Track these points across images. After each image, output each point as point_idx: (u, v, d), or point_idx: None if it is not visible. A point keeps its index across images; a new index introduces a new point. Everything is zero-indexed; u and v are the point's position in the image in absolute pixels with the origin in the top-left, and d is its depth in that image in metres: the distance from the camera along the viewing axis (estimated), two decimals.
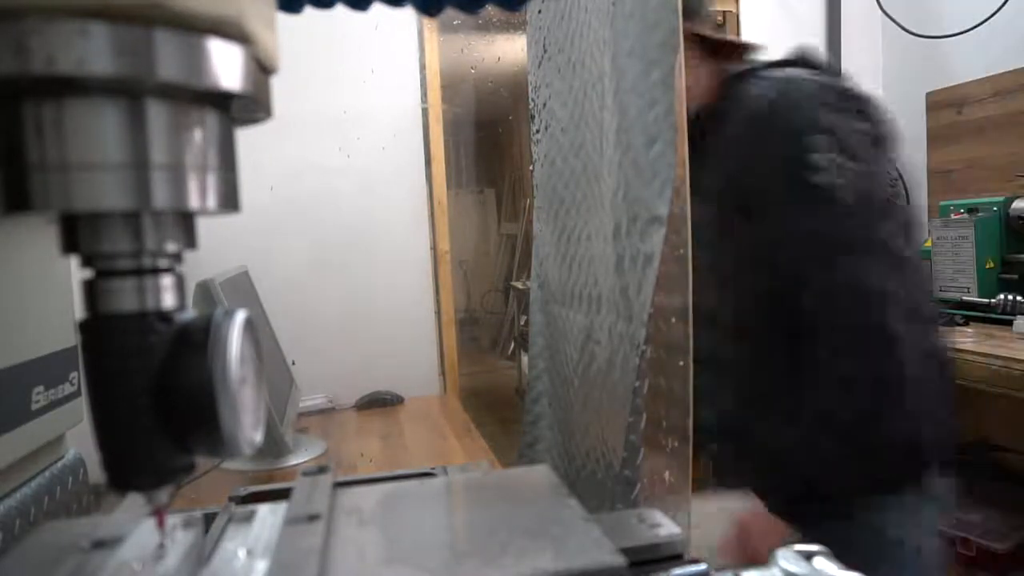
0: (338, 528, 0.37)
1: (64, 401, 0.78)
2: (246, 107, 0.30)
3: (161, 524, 0.34)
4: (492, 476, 0.54)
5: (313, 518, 0.37)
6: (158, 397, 0.28)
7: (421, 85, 1.88)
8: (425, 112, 1.89)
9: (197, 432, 0.28)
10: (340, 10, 0.40)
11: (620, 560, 0.32)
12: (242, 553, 0.37)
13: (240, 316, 0.29)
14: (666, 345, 0.73)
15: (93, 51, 0.24)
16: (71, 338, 0.80)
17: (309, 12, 0.42)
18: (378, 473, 0.64)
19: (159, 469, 0.29)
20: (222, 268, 1.30)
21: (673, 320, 0.71)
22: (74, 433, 0.83)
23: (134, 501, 0.40)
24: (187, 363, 0.28)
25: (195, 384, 0.28)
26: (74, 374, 0.81)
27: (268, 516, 0.42)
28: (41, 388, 0.74)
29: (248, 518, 0.42)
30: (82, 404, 0.82)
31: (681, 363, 0.70)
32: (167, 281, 0.29)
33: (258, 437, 0.30)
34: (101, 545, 0.35)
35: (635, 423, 0.66)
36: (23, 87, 0.25)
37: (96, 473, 0.89)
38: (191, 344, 0.28)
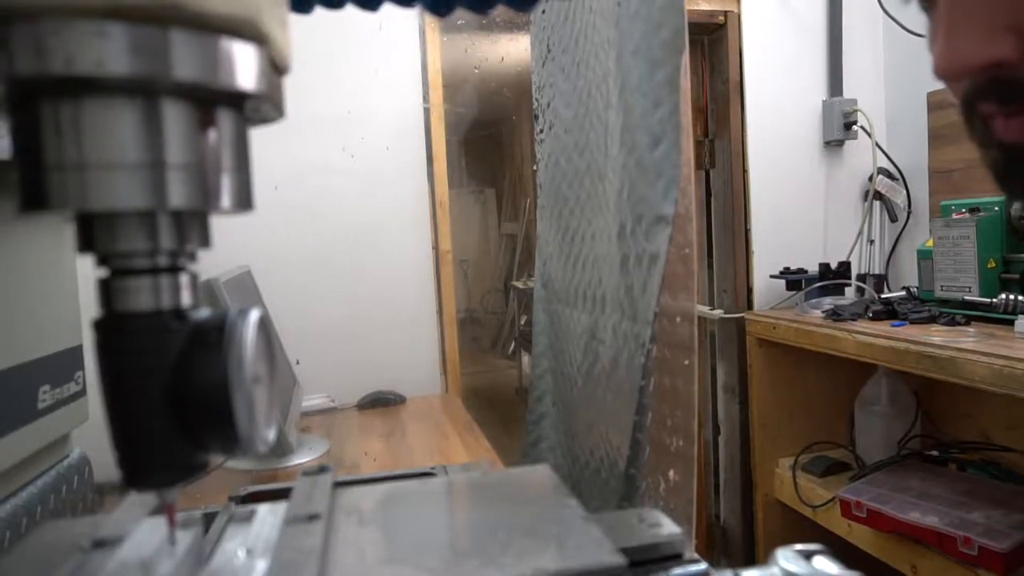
0: (338, 528, 0.37)
1: (70, 400, 0.78)
2: (260, 107, 0.30)
3: (172, 521, 0.34)
4: (492, 476, 0.54)
5: (313, 518, 0.37)
6: (173, 395, 0.28)
7: (423, 85, 1.88)
8: (427, 112, 1.89)
9: (212, 430, 0.28)
10: (348, 10, 0.40)
11: (620, 560, 0.32)
12: (242, 553, 0.37)
13: (254, 315, 0.30)
14: (671, 344, 0.73)
15: (110, 51, 0.24)
16: (77, 337, 0.81)
17: (316, 13, 0.42)
18: (378, 473, 0.64)
19: (174, 467, 0.29)
20: (225, 268, 1.30)
21: (678, 319, 0.71)
22: (79, 432, 0.83)
23: (134, 501, 0.40)
24: (202, 361, 0.28)
25: (210, 382, 0.28)
26: (79, 373, 0.81)
27: (268, 516, 0.42)
28: (47, 387, 0.74)
29: (248, 518, 0.42)
30: (87, 403, 0.82)
31: (686, 362, 0.70)
32: (182, 280, 0.29)
33: (271, 435, 0.31)
34: (101, 545, 0.35)
35: (641, 421, 0.66)
36: (41, 87, 0.25)
37: (101, 472, 0.89)
38: (206, 343, 0.28)
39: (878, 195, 2.18)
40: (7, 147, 0.65)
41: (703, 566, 0.37)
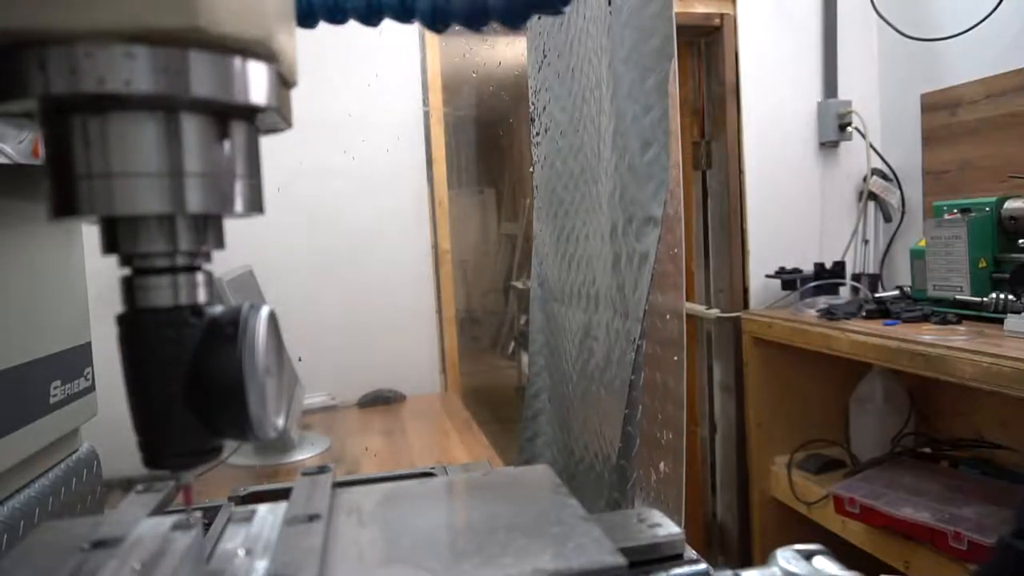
0: (338, 528, 0.38)
1: (80, 395, 0.80)
2: (270, 118, 0.33)
3: (188, 501, 0.36)
4: (492, 476, 0.53)
5: (313, 518, 0.38)
6: (191, 384, 0.30)
7: (423, 89, 1.91)
8: (427, 115, 1.91)
9: (227, 416, 0.30)
10: (350, 23, 0.43)
11: (620, 560, 0.33)
12: (242, 553, 0.37)
13: (265, 310, 0.32)
14: (661, 341, 0.76)
15: (138, 72, 0.26)
16: (86, 334, 0.83)
17: (321, 24, 0.44)
18: (378, 473, 0.64)
19: (192, 450, 0.31)
20: (228, 267, 1.32)
21: (668, 317, 0.73)
22: (87, 427, 0.85)
23: (134, 501, 0.41)
24: (218, 353, 0.30)
25: (226, 372, 0.30)
26: (88, 369, 0.84)
27: (268, 516, 0.42)
28: (58, 383, 0.76)
29: (248, 518, 0.42)
30: (96, 399, 0.85)
31: (675, 358, 0.72)
32: (198, 278, 0.32)
33: (280, 422, 0.33)
34: (101, 545, 0.35)
35: (631, 415, 0.69)
36: (72, 104, 0.27)
37: (108, 466, 0.91)
38: (222, 336, 0.30)
39: (872, 196, 2.20)
40: (18, 153, 0.68)
41: (703, 566, 0.37)
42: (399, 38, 1.88)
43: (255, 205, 0.32)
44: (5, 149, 0.62)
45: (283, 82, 0.32)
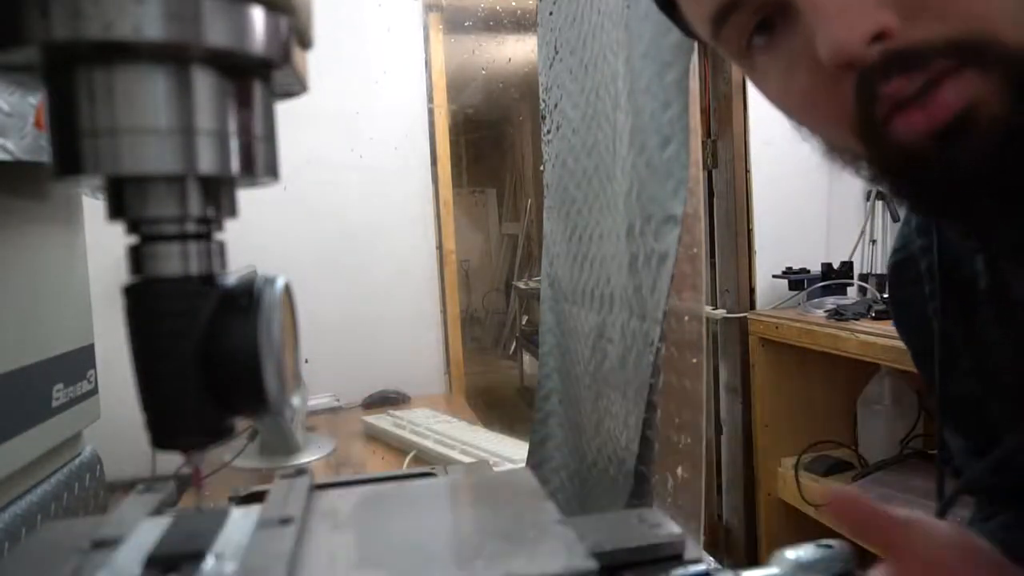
0: (311, 531, 0.37)
1: (83, 398, 0.79)
2: (285, 78, 0.31)
3: (198, 484, 0.34)
4: (472, 479, 0.53)
5: (285, 521, 0.37)
6: (202, 359, 0.28)
7: (427, 86, 1.89)
8: (431, 112, 1.89)
9: (240, 393, 0.29)
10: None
11: (592, 564, 0.32)
12: (211, 558, 0.36)
13: (281, 281, 0.30)
14: (679, 343, 0.74)
15: (147, 17, 0.24)
16: (89, 336, 0.82)
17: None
18: (379, 473, 0.63)
19: (202, 429, 0.29)
20: (232, 267, 1.31)
21: (686, 319, 0.71)
22: (90, 431, 0.84)
23: (134, 501, 0.40)
24: (232, 325, 0.29)
25: (240, 345, 0.28)
26: (92, 372, 0.82)
27: (241, 519, 0.41)
28: (61, 385, 0.75)
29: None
30: (99, 401, 0.83)
31: (694, 361, 0.71)
32: (211, 247, 0.30)
33: (296, 400, 0.31)
34: (101, 545, 0.35)
35: (650, 419, 0.67)
36: (76, 54, 0.25)
37: (111, 470, 0.89)
38: (236, 308, 0.29)
39: (880, 195, 2.18)
40: (20, 148, 0.66)
41: (703, 566, 0.37)
42: (407, 33, 1.85)
43: (270, 169, 0.30)
44: (7, 144, 0.60)
45: (299, 40, 0.31)
